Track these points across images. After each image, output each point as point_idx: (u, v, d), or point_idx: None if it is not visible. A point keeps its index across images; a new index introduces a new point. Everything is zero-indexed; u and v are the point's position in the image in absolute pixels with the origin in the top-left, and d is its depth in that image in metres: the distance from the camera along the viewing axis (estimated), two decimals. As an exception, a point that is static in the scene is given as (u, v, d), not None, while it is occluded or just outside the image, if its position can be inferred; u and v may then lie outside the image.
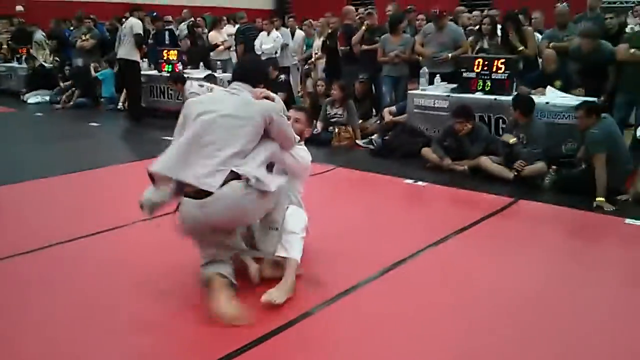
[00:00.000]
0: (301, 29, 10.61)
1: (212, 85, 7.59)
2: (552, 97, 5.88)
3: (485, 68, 6.29)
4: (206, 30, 11.15)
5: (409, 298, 3.08)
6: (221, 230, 2.91)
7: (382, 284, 3.26)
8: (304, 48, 10.34)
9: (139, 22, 9.00)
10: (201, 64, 9.57)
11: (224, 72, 9.42)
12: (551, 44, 6.64)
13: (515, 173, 5.24)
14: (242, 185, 2.74)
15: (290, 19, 10.06)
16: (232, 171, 2.74)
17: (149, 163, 2.89)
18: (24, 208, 4.73)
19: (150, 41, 10.23)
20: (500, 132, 5.90)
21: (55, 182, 5.47)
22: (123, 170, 5.92)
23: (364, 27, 7.87)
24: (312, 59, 10.11)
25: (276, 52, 9.51)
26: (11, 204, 4.83)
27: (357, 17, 8.81)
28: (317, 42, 10.02)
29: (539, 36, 7.31)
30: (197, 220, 2.77)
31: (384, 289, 3.21)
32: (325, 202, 4.93)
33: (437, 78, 6.77)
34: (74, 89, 10.80)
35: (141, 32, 8.85)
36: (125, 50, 8.81)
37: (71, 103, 10.65)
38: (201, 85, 7.56)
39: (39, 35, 13.26)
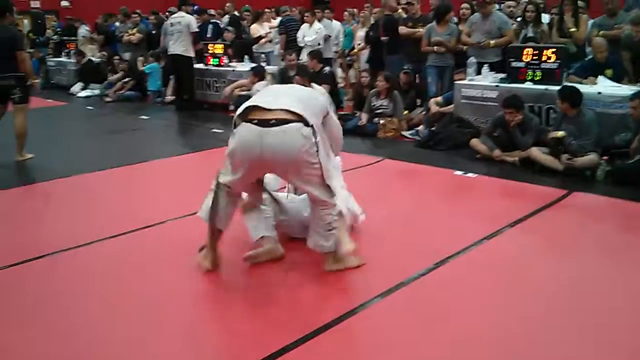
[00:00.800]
0: (338, 20, 10.63)
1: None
2: (604, 86, 5.76)
3: (535, 57, 6.20)
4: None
5: (460, 293, 3.07)
6: (263, 172, 3.17)
7: (433, 279, 3.25)
8: (342, 39, 10.34)
9: (193, 18, 9.16)
10: (246, 56, 9.68)
11: (268, 64, 9.52)
12: (601, 32, 6.50)
13: (566, 164, 5.17)
14: (308, 132, 2.91)
15: (326, 11, 10.03)
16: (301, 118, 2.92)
17: (201, 155, 2.98)
18: (79, 200, 4.89)
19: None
20: (551, 123, 5.82)
21: (109, 175, 5.65)
22: (176, 162, 6.03)
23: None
24: (355, 50, 10.11)
25: (319, 44, 9.53)
26: (68, 197, 5.02)
27: (399, 6, 8.75)
28: (360, 33, 10.03)
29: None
30: (252, 148, 2.93)
31: (435, 284, 3.20)
32: (373, 195, 4.94)
33: (485, 68, 6.69)
34: (123, 81, 11.08)
35: (197, 29, 9.02)
36: (181, 47, 8.99)
37: (121, 93, 10.95)
38: (265, 85, 7.64)
39: (83, 30, 13.62)
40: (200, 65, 9.68)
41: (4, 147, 6.42)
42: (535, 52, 6.20)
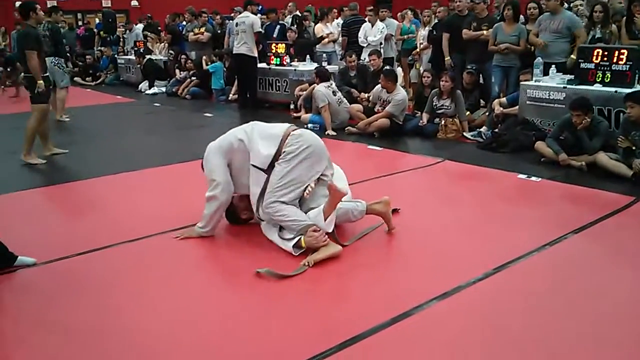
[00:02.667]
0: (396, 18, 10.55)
1: (334, 88, 7.75)
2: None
3: (605, 59, 5.98)
4: (312, 24, 11.34)
5: (519, 300, 3.01)
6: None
7: (493, 284, 3.20)
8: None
9: (258, 18, 9.32)
10: (307, 56, 9.76)
11: (329, 64, 9.57)
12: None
13: (637, 170, 4.97)
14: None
15: (384, 11, 9.93)
16: None
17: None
18: (144, 194, 5.07)
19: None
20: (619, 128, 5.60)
21: (174, 170, 5.85)
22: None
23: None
24: (417, 49, 10.02)
25: (381, 44, 9.50)
26: (133, 190, 5.22)
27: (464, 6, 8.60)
28: (423, 32, 9.93)
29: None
30: (316, 141, 3.67)
31: (494, 289, 3.15)
32: (432, 197, 4.94)
33: (553, 69, 6.51)
34: (190, 79, 11.41)
35: (261, 29, 9.16)
36: (246, 47, 9.17)
37: (186, 91, 11.31)
38: (329, 86, 7.70)
39: (137, 30, 14.15)
40: (263, 65, 9.83)
41: (63, 145, 6.75)
42: (605, 53, 5.98)
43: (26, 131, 6.15)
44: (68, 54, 8.04)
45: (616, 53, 5.92)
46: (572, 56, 6.55)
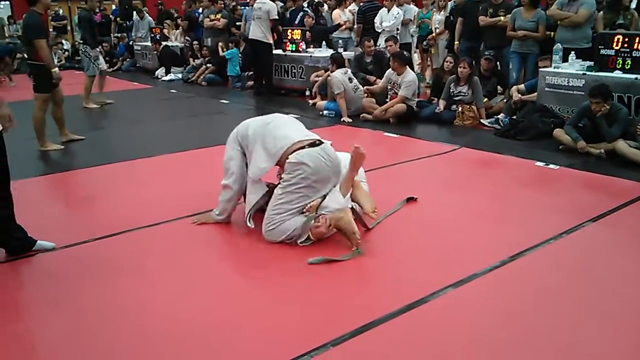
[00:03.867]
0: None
1: (350, 75, 7.70)
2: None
3: (625, 45, 5.89)
4: (328, 10, 11.26)
5: (534, 288, 3.00)
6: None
7: (508, 271, 3.19)
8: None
9: (274, 5, 9.30)
10: (323, 42, 9.71)
11: (345, 50, 9.52)
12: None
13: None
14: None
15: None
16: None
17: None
18: (162, 180, 5.09)
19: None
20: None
21: (191, 155, 5.89)
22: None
23: None
24: (433, 34, 9.91)
25: (397, 29, 9.42)
26: (151, 176, 5.25)
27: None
28: (438, 17, 9.79)
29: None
30: (324, 161, 3.45)
31: (509, 277, 3.14)
32: (447, 184, 4.91)
33: (572, 55, 6.42)
34: (206, 66, 11.43)
35: (277, 17, 9.14)
36: (261, 33, 9.15)
37: (202, 78, 11.34)
38: (345, 73, 7.66)
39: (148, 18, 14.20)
40: (279, 51, 9.80)
41: (81, 132, 6.80)
42: (626, 40, 5.89)
43: (33, 122, 6.13)
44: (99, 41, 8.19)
45: (637, 39, 5.83)
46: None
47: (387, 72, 7.53)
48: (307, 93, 9.02)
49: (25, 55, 7.02)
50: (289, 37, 9.74)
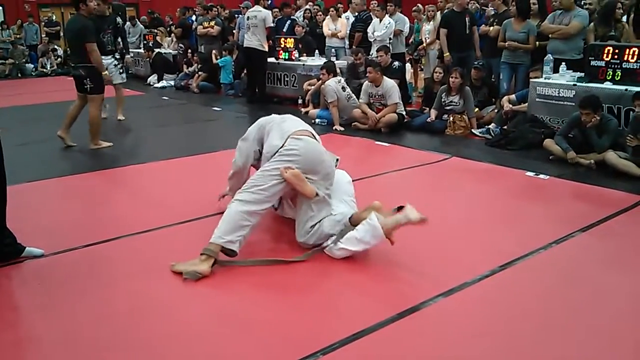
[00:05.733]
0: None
1: (344, 84, 7.72)
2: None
3: (616, 57, 5.95)
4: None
5: (524, 297, 3.02)
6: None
7: (498, 281, 3.20)
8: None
9: (269, 13, 9.33)
10: (316, 51, 9.74)
11: (337, 59, 9.55)
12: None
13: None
14: None
15: (391, 6, 9.85)
16: None
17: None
18: (154, 187, 5.09)
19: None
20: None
21: (184, 162, 5.86)
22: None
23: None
24: (423, 45, 9.95)
25: (390, 39, 9.45)
26: (140, 183, 5.25)
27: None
28: (427, 27, 9.84)
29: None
30: (318, 152, 3.59)
31: (499, 286, 3.15)
32: (438, 193, 4.93)
33: (563, 66, 6.48)
34: (199, 73, 11.42)
35: (273, 24, 9.17)
36: (256, 41, 9.16)
37: (195, 85, 11.31)
38: (338, 82, 7.67)
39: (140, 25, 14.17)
40: (272, 60, 9.82)
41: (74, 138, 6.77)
42: (616, 51, 5.95)
43: (90, 123, 6.38)
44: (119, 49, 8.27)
45: (627, 51, 5.89)
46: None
47: (364, 87, 7.47)
48: (300, 101, 9.04)
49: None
50: (282, 46, 9.77)
